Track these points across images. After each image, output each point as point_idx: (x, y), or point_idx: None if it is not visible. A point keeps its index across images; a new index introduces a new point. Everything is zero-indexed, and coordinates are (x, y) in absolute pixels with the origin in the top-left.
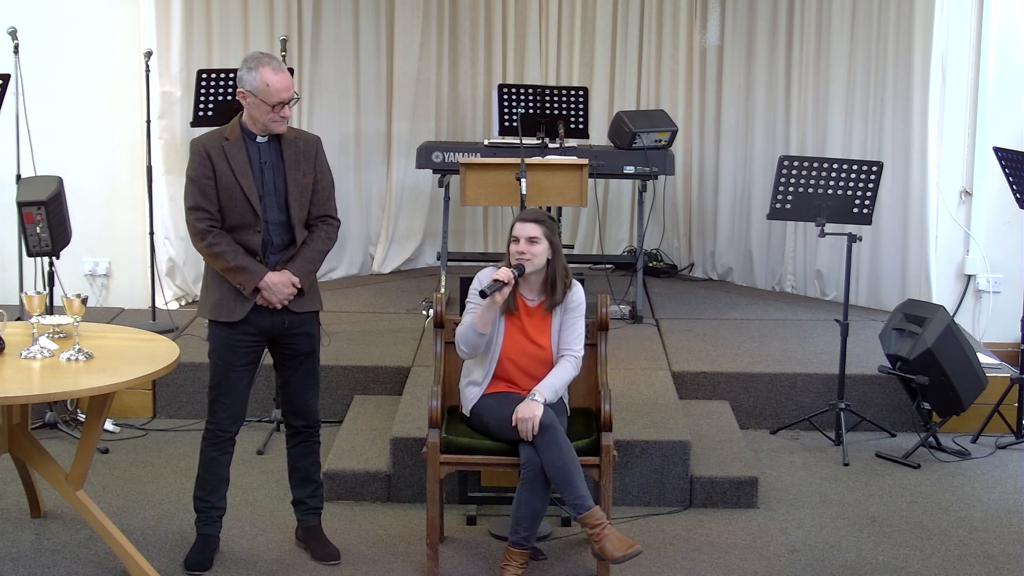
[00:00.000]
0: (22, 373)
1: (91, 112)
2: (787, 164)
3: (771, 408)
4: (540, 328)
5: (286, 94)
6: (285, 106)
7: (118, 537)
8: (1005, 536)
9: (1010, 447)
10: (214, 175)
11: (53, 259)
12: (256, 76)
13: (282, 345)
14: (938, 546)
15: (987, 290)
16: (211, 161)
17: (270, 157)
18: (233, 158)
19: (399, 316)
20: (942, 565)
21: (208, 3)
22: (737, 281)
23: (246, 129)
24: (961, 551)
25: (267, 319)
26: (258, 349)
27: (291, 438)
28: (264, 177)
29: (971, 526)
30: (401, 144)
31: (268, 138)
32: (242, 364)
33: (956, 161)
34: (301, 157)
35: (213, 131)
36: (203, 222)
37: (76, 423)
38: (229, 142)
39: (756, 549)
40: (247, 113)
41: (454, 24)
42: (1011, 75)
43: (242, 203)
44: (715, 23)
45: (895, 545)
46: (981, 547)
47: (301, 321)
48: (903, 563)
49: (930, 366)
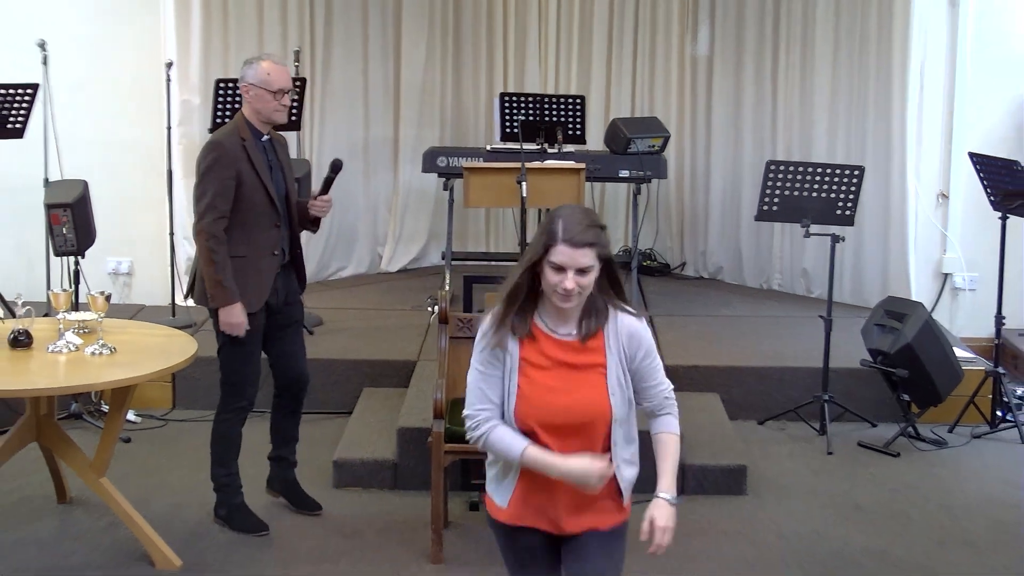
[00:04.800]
0: (49, 366)
1: (115, 119)
2: (774, 168)
3: (759, 400)
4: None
5: (285, 82)
6: (285, 94)
7: (139, 522)
8: (984, 523)
9: (985, 436)
10: (239, 176)
11: (78, 258)
12: (257, 68)
13: (280, 316)
14: (920, 533)
15: (963, 288)
16: (236, 163)
17: (273, 156)
18: (254, 157)
19: (405, 313)
20: (925, 551)
21: (225, 17)
22: (727, 279)
23: (253, 128)
24: (942, 537)
25: (273, 297)
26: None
27: (282, 403)
28: (274, 175)
29: (951, 513)
30: (407, 149)
31: (268, 136)
32: (257, 341)
33: (933, 166)
34: (287, 157)
35: (226, 131)
36: (218, 224)
37: (100, 414)
38: (247, 142)
39: (746, 535)
40: (250, 108)
41: (458, 36)
42: (984, 85)
43: (265, 201)
44: (705, 34)
45: (879, 532)
46: (962, 534)
47: (293, 293)
48: (887, 549)
49: (909, 360)
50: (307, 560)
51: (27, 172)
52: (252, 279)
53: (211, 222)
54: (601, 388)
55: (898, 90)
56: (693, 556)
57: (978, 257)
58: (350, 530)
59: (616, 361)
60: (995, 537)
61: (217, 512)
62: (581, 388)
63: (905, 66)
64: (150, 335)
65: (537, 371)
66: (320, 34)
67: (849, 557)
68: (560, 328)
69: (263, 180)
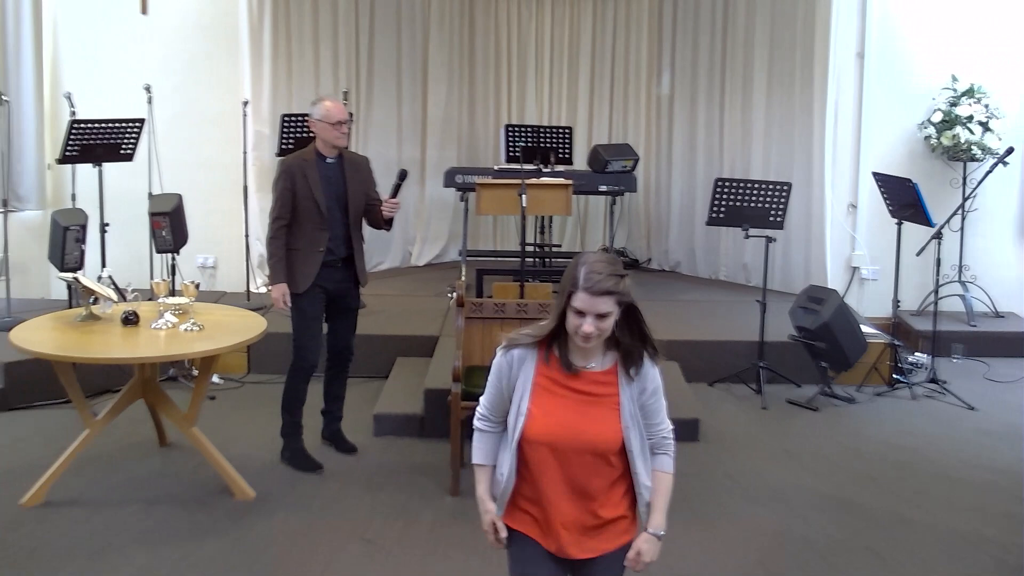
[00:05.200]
0: (152, 340)
1: (203, 146)
2: (720, 184)
3: (709, 367)
4: (596, 402)
5: (343, 116)
6: (344, 124)
7: (222, 462)
8: (883, 462)
9: (884, 395)
10: (293, 187)
11: (174, 255)
12: (320, 107)
13: (338, 301)
14: (834, 470)
15: (868, 278)
16: (293, 178)
17: (335, 173)
18: (309, 175)
19: (430, 298)
20: (837, 484)
21: (289, 65)
22: (684, 272)
23: (319, 152)
24: (852, 474)
25: (336, 286)
26: (324, 305)
27: (332, 366)
28: (329, 189)
29: (858, 455)
30: (431, 168)
31: (335, 159)
32: (314, 315)
33: (845, 182)
34: (358, 173)
35: (294, 155)
36: (276, 223)
37: (191, 377)
38: (307, 163)
39: (698, 474)
40: (318, 138)
41: (472, 79)
42: (884, 119)
43: (313, 209)
44: (667, 78)
45: (803, 469)
46: (866, 469)
47: (351, 286)
48: (810, 484)
49: (826, 334)
50: (354, 492)
51: (135, 187)
52: (299, 268)
53: (271, 223)
54: (613, 420)
55: (817, 123)
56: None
57: (879, 254)
58: (387, 469)
59: (628, 396)
60: (891, 472)
61: (283, 455)
62: (592, 417)
63: (823, 104)
64: (230, 315)
65: (549, 396)
66: (364, 78)
67: (779, 489)
68: (578, 360)
69: (313, 192)
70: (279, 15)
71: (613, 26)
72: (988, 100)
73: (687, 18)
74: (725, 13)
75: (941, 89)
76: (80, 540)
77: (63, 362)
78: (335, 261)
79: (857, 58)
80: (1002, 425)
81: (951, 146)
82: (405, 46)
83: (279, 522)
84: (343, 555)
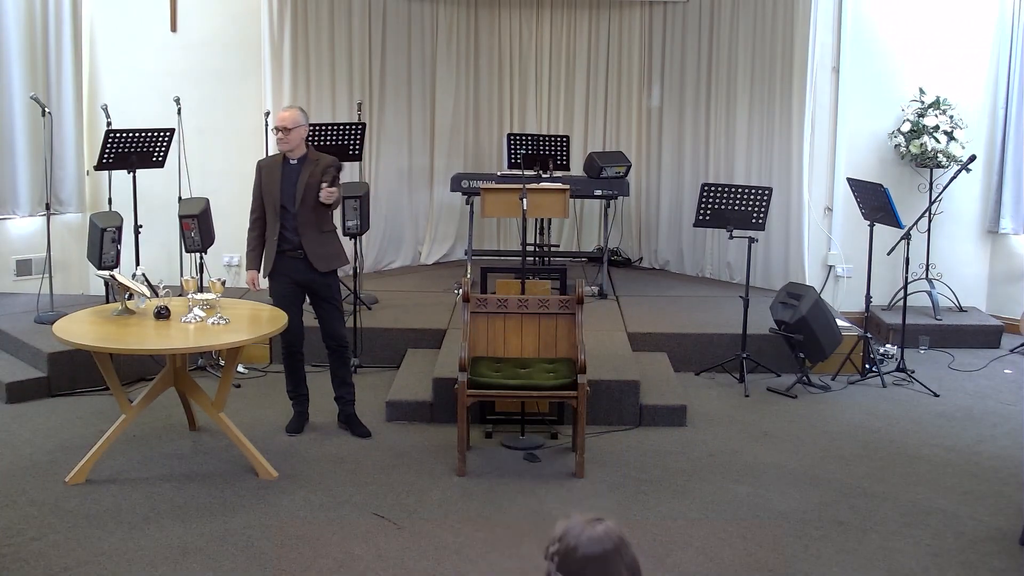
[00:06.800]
0: (182, 333)
1: (228, 153)
2: (707, 188)
3: (696, 357)
4: None
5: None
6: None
7: (247, 444)
8: (853, 443)
9: (857, 383)
10: (260, 185)
11: (202, 254)
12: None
13: (314, 292)
14: (809, 450)
15: (843, 276)
16: (260, 177)
17: (295, 172)
18: (272, 174)
19: (438, 293)
20: (811, 463)
21: (308, 79)
22: (672, 270)
23: (285, 155)
24: (824, 454)
25: (301, 275)
26: (298, 294)
27: (330, 355)
28: (288, 186)
29: (830, 436)
30: (439, 174)
31: (297, 161)
32: (281, 300)
33: (821, 187)
34: (314, 170)
35: (269, 156)
36: (250, 217)
37: (218, 366)
38: (274, 163)
39: (685, 454)
40: None
41: (476, 90)
42: (858, 128)
43: (272, 204)
44: (657, 91)
45: (780, 450)
46: (837, 451)
47: (323, 276)
48: (785, 462)
49: (804, 327)
50: (369, 472)
51: (166, 192)
52: (267, 256)
53: (249, 215)
54: None
55: (796, 132)
56: (648, 469)
57: (853, 253)
58: (399, 451)
59: None
60: (861, 452)
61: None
62: None
63: (802, 114)
64: (253, 310)
65: None
66: (376, 90)
67: (758, 468)
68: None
69: (272, 189)
70: (298, 33)
71: (607, 43)
72: (953, 111)
73: (675, 36)
74: (711, 31)
75: (910, 101)
76: (122, 512)
77: (102, 353)
78: (292, 251)
79: (833, 72)
80: (960, 409)
81: (919, 154)
82: (415, 61)
83: (299, 499)
84: (358, 529)
